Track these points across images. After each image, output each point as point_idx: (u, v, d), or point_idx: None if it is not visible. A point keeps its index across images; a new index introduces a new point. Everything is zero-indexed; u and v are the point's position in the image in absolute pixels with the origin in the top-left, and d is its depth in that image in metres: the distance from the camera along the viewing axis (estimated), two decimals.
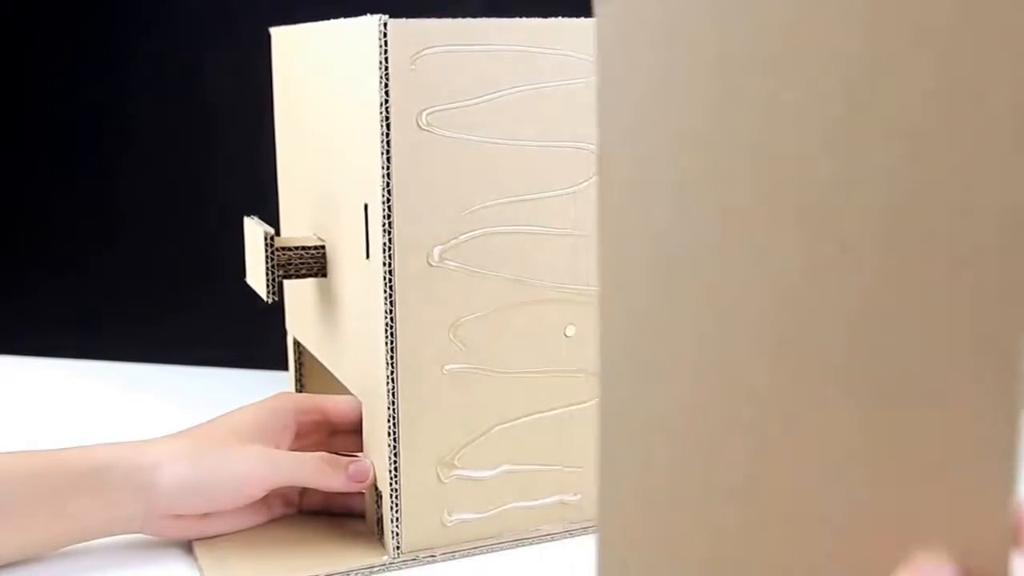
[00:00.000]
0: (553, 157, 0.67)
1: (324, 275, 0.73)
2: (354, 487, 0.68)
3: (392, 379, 0.65)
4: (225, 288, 0.87)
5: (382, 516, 0.68)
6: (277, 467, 0.68)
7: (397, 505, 0.67)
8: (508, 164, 0.66)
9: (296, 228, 0.81)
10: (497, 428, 0.68)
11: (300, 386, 0.86)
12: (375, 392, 0.67)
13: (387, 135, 0.62)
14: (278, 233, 0.83)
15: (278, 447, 0.70)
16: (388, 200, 0.63)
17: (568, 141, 0.67)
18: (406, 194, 0.63)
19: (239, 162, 1.03)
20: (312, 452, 0.70)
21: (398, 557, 0.67)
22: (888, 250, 0.31)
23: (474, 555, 0.69)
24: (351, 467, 0.68)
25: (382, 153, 0.63)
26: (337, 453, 0.70)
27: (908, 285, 0.31)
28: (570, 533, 0.71)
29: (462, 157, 0.64)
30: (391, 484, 0.66)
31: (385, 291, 0.64)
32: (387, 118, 0.62)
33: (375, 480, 0.68)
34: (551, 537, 0.71)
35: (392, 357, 0.65)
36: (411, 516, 0.67)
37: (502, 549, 0.70)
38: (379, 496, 0.68)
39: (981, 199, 0.29)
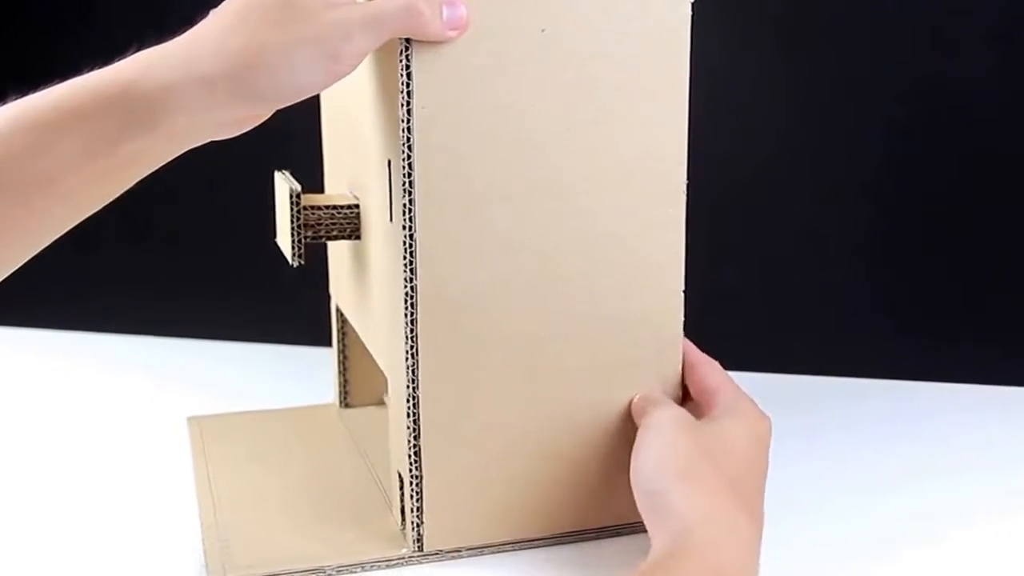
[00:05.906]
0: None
1: (358, 237, 0.67)
2: (449, 35, 0.57)
3: (412, 354, 0.58)
4: (260, 248, 0.81)
5: (404, 505, 0.62)
6: (364, 24, 0.54)
7: (418, 494, 0.60)
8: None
9: (338, 186, 0.75)
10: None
11: (343, 357, 0.80)
12: (397, 367, 0.60)
13: (408, 86, 0.55)
14: (321, 190, 0.77)
15: None
16: (410, 157, 0.56)
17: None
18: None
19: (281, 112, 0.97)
20: None
21: (418, 551, 0.61)
22: None
23: (505, 552, 0.62)
24: (446, 10, 0.56)
25: (403, 105, 0.56)
26: None
27: None
28: (617, 531, 0.64)
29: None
30: (411, 470, 0.60)
31: (406, 257, 0.57)
32: (408, 66, 0.55)
33: None
34: (596, 534, 0.63)
35: (413, 330, 0.58)
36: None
37: (537, 547, 0.63)
38: (401, 482, 0.62)
39: None
